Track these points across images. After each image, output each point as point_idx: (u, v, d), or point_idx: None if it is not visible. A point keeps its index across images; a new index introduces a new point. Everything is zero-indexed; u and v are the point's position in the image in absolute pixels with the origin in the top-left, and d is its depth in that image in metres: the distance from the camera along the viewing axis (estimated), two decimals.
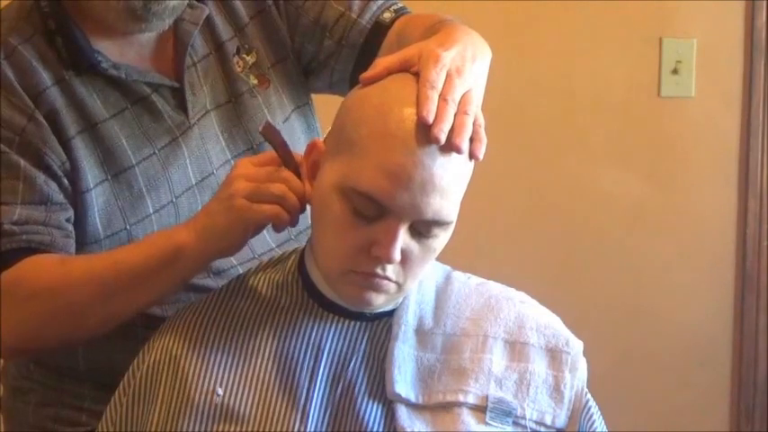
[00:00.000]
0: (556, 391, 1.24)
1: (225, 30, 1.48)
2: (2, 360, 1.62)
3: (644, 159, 2.67)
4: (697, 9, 2.64)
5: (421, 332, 1.24)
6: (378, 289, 1.18)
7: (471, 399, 1.21)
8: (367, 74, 1.20)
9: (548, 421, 1.23)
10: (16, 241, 1.31)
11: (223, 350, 1.24)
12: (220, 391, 1.21)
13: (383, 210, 1.14)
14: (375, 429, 1.19)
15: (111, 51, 1.40)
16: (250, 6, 1.50)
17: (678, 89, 2.65)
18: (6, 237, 1.31)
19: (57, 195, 1.35)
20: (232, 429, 1.20)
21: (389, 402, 1.21)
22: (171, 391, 1.23)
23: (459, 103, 1.16)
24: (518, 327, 1.26)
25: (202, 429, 1.20)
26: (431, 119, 1.12)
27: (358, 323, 1.24)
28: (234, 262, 1.44)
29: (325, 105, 1.36)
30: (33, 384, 1.52)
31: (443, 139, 1.12)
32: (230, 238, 1.25)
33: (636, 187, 2.67)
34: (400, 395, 1.20)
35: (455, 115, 1.14)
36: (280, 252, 1.44)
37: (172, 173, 1.42)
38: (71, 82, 1.37)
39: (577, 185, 2.65)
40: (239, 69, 1.48)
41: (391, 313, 1.25)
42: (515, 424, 1.22)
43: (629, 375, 2.68)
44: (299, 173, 1.24)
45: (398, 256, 1.15)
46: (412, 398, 1.21)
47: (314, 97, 1.58)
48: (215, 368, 1.22)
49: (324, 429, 1.19)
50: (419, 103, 1.13)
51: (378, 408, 1.21)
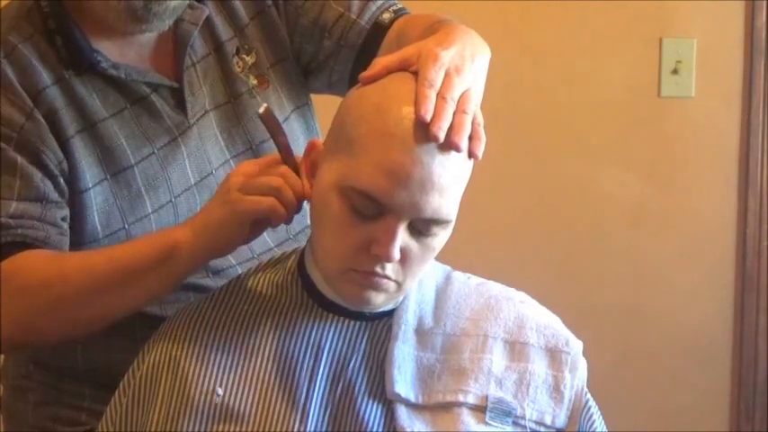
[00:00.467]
0: (556, 391, 1.24)
1: (225, 30, 1.48)
2: (2, 360, 1.62)
3: (644, 159, 2.67)
4: (697, 9, 2.64)
5: (421, 332, 1.24)
6: (377, 288, 1.18)
7: (471, 399, 1.21)
8: (366, 73, 1.20)
9: (547, 421, 1.23)
10: (11, 235, 1.31)
11: (223, 350, 1.24)
12: (220, 391, 1.21)
13: (382, 208, 1.14)
14: (375, 429, 1.19)
15: (110, 51, 1.40)
16: (250, 7, 1.50)
17: (678, 89, 2.65)
18: (2, 230, 1.31)
19: (52, 194, 1.34)
20: (232, 429, 1.20)
21: (389, 402, 1.21)
22: (171, 392, 1.23)
23: (457, 102, 1.16)
24: (518, 327, 1.26)
25: (202, 429, 1.20)
26: (429, 117, 1.12)
27: (358, 323, 1.24)
28: (233, 261, 1.44)
29: (325, 106, 1.36)
30: (33, 384, 1.52)
31: (442, 138, 1.12)
32: (226, 233, 1.24)
33: (636, 187, 2.67)
34: (400, 395, 1.20)
35: (454, 114, 1.14)
36: (279, 252, 1.44)
37: (171, 173, 1.42)
38: (71, 81, 1.38)
39: (577, 185, 2.65)
40: (239, 70, 1.49)
41: (391, 313, 1.25)
42: (515, 424, 1.22)
43: (629, 375, 2.68)
44: (297, 168, 1.24)
45: (398, 255, 1.15)
46: (412, 398, 1.21)
47: (314, 98, 1.59)
48: (215, 368, 1.22)
49: (323, 429, 1.19)
50: (418, 102, 1.13)
51: (377, 407, 1.21)
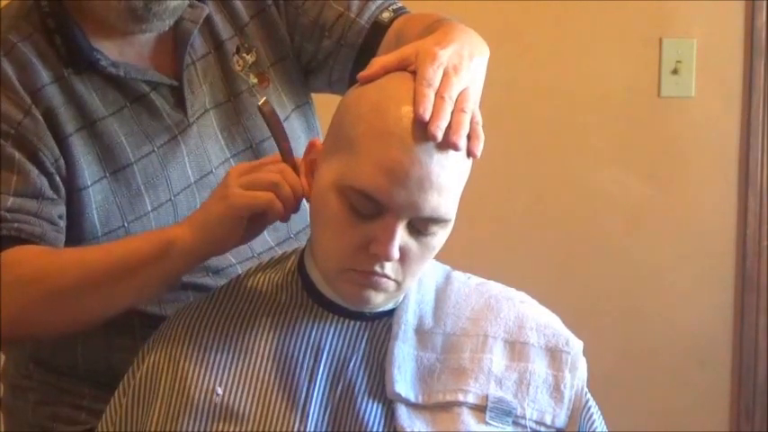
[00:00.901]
0: (556, 391, 1.24)
1: (225, 29, 1.48)
2: (3, 359, 1.62)
3: (644, 159, 2.67)
4: (697, 9, 2.64)
5: (421, 332, 1.25)
6: (377, 287, 1.18)
7: (471, 398, 1.21)
8: (364, 73, 1.20)
9: (548, 421, 1.23)
10: (7, 228, 1.31)
11: (222, 350, 1.24)
12: (220, 391, 1.21)
13: (381, 207, 1.14)
14: (375, 429, 1.19)
15: (110, 50, 1.40)
16: (250, 6, 1.50)
17: (678, 89, 2.64)
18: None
19: (48, 191, 1.34)
20: (232, 429, 1.20)
21: (389, 402, 1.21)
22: (171, 391, 1.23)
23: (456, 101, 1.16)
24: (518, 326, 1.26)
25: (202, 429, 1.20)
26: (427, 116, 1.12)
27: (358, 323, 1.24)
28: (233, 260, 1.44)
29: (326, 105, 1.36)
30: (33, 383, 1.52)
31: (440, 137, 1.12)
32: (223, 229, 1.24)
33: (636, 187, 2.67)
34: (400, 395, 1.20)
35: (452, 113, 1.14)
36: (279, 251, 1.44)
37: (170, 171, 1.42)
38: (70, 80, 1.38)
39: (577, 185, 2.65)
40: (239, 68, 1.49)
41: (391, 313, 1.25)
42: (515, 423, 1.22)
43: (629, 375, 2.68)
44: (296, 165, 1.25)
45: (397, 254, 1.15)
46: (412, 397, 1.21)
47: (315, 97, 1.59)
48: (214, 368, 1.22)
49: (323, 429, 1.19)
50: (416, 101, 1.13)
51: (378, 407, 1.21)
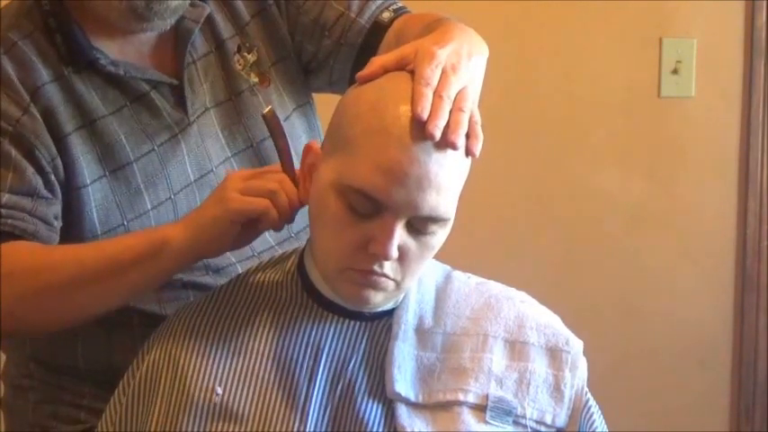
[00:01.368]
0: (556, 391, 1.24)
1: (226, 28, 1.49)
2: (3, 359, 1.62)
3: (644, 159, 2.67)
4: (697, 9, 2.64)
5: (421, 331, 1.25)
6: (376, 286, 1.18)
7: (471, 398, 1.21)
8: (363, 72, 1.20)
9: (548, 420, 1.23)
10: (1, 224, 1.31)
11: (222, 349, 1.24)
12: (219, 390, 1.21)
13: (379, 207, 1.14)
14: (375, 429, 1.19)
15: (110, 49, 1.40)
16: (251, 6, 1.50)
17: (678, 89, 2.65)
18: None
19: (43, 190, 1.34)
20: (231, 428, 1.20)
21: (389, 401, 1.21)
22: (170, 391, 1.23)
23: (454, 100, 1.16)
24: (518, 326, 1.26)
25: (202, 428, 1.20)
26: (425, 115, 1.12)
27: (357, 323, 1.24)
28: (233, 259, 1.44)
29: (327, 106, 1.36)
30: (33, 382, 1.52)
31: (438, 136, 1.12)
32: (217, 231, 1.24)
33: (636, 187, 2.67)
34: (400, 394, 1.20)
35: (450, 112, 1.14)
36: (279, 250, 1.44)
37: (170, 170, 1.42)
38: (70, 79, 1.38)
39: (577, 185, 2.65)
40: (240, 68, 1.49)
41: (391, 313, 1.25)
42: (515, 423, 1.22)
43: (629, 375, 2.68)
44: (295, 176, 1.25)
45: (395, 253, 1.15)
46: (412, 397, 1.21)
47: (316, 98, 1.59)
48: (214, 367, 1.23)
49: (323, 429, 1.19)
50: (414, 100, 1.13)
51: (378, 407, 1.21)
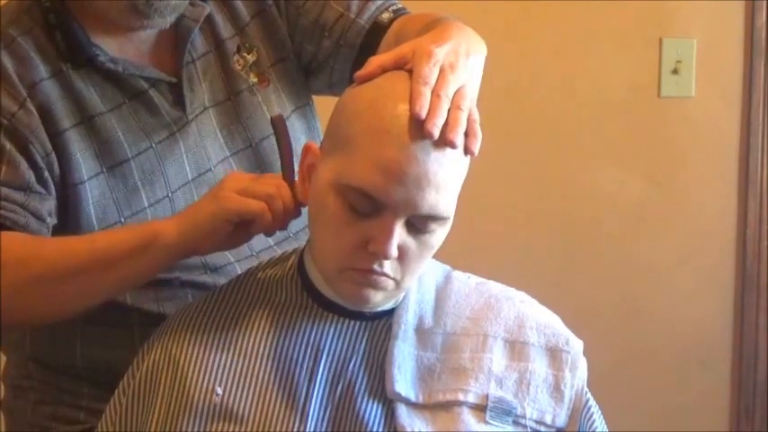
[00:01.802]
0: (556, 391, 1.24)
1: (225, 28, 1.49)
2: (4, 360, 1.62)
3: (644, 159, 2.67)
4: (697, 9, 2.64)
5: (421, 331, 1.25)
6: (376, 286, 1.18)
7: (471, 398, 1.21)
8: (361, 72, 1.21)
9: (548, 420, 1.23)
10: None
11: (222, 350, 1.24)
12: (219, 391, 1.21)
13: (379, 206, 1.14)
14: (375, 429, 1.19)
15: (109, 46, 1.41)
16: (251, 6, 1.50)
17: (678, 89, 2.65)
18: None
19: (36, 185, 1.34)
20: (231, 429, 1.20)
21: (389, 401, 1.21)
22: (170, 391, 1.23)
23: (452, 99, 1.16)
24: (518, 326, 1.26)
25: (202, 428, 1.20)
26: (424, 114, 1.12)
27: (357, 323, 1.24)
28: (231, 258, 1.45)
29: (328, 108, 1.36)
30: (33, 383, 1.52)
31: (437, 134, 1.12)
32: (210, 229, 1.24)
33: (636, 187, 2.67)
34: (400, 394, 1.20)
35: (449, 111, 1.14)
36: (278, 250, 1.44)
37: (168, 167, 1.43)
38: (69, 75, 1.38)
39: (577, 185, 2.65)
40: (239, 68, 1.49)
41: (391, 312, 1.25)
42: (515, 423, 1.22)
43: (629, 375, 2.68)
44: (293, 183, 1.25)
45: (395, 252, 1.15)
46: (412, 397, 1.21)
47: (316, 100, 1.59)
48: (214, 367, 1.22)
49: (323, 429, 1.19)
50: (412, 99, 1.13)
51: (378, 407, 1.21)
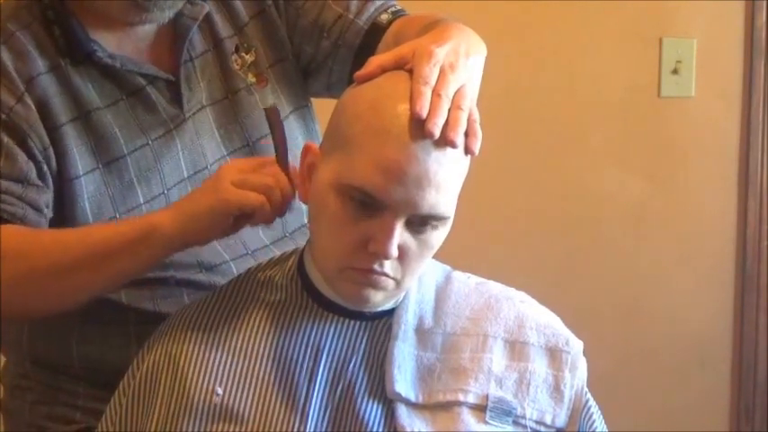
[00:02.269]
0: (556, 391, 1.24)
1: (224, 28, 1.49)
2: (2, 360, 1.62)
3: (644, 159, 2.67)
4: (697, 9, 2.64)
5: (421, 331, 1.25)
6: (376, 285, 1.18)
7: (471, 398, 1.21)
8: (361, 72, 1.21)
9: (548, 420, 1.23)
10: None
11: (222, 350, 1.24)
12: (220, 391, 1.21)
13: (379, 205, 1.14)
14: (375, 429, 1.19)
15: (108, 42, 1.41)
16: (250, 6, 1.51)
17: (678, 89, 2.65)
18: None
19: (34, 178, 1.34)
20: (231, 429, 1.20)
21: (389, 402, 1.21)
22: (170, 391, 1.23)
23: (453, 99, 1.16)
24: (518, 326, 1.26)
25: (202, 429, 1.20)
26: (424, 114, 1.12)
27: (358, 323, 1.24)
28: (226, 257, 1.45)
29: (327, 111, 1.36)
30: (30, 383, 1.52)
31: (437, 134, 1.12)
32: (208, 222, 1.24)
33: (636, 187, 2.67)
34: (400, 394, 1.20)
35: (449, 110, 1.14)
36: (274, 249, 1.45)
37: (164, 165, 1.43)
38: (66, 70, 1.38)
39: (577, 185, 2.65)
40: (237, 67, 1.49)
41: (391, 313, 1.25)
42: (515, 423, 1.22)
43: (629, 375, 2.68)
44: (288, 170, 1.25)
45: (395, 252, 1.15)
46: (412, 397, 1.21)
47: (314, 102, 1.59)
48: (214, 368, 1.22)
49: (323, 429, 1.19)
50: (413, 99, 1.14)
51: (378, 407, 1.21)
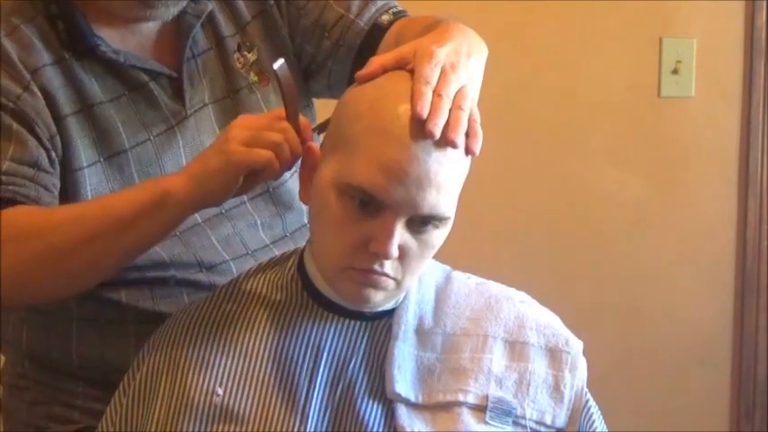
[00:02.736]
0: (556, 391, 1.24)
1: (227, 27, 1.50)
2: (2, 360, 1.62)
3: (644, 159, 2.68)
4: (697, 9, 2.64)
5: (421, 332, 1.25)
6: (376, 286, 1.18)
7: (471, 398, 1.21)
8: (362, 72, 1.21)
9: (548, 421, 1.23)
10: (2, 191, 1.30)
11: (222, 350, 1.24)
12: (220, 392, 1.21)
13: (380, 205, 1.14)
14: (375, 429, 1.19)
15: (112, 38, 1.41)
16: (252, 6, 1.51)
17: (678, 89, 2.65)
18: None
19: (45, 162, 1.34)
20: (232, 429, 1.20)
21: (389, 402, 1.21)
22: (171, 392, 1.23)
23: (453, 99, 1.16)
24: (518, 326, 1.26)
25: (202, 429, 1.20)
26: (425, 114, 1.12)
27: (358, 323, 1.24)
28: (226, 257, 1.45)
29: (328, 111, 1.36)
30: (29, 383, 1.52)
31: (438, 134, 1.12)
32: (220, 181, 1.23)
33: (636, 187, 2.67)
34: (400, 394, 1.20)
35: (450, 111, 1.14)
36: (274, 249, 1.45)
37: (165, 160, 1.43)
38: (70, 63, 1.39)
39: (577, 185, 2.66)
40: (239, 66, 1.49)
41: (391, 313, 1.25)
42: (515, 423, 1.22)
43: (629, 375, 2.68)
44: (298, 124, 1.24)
45: (396, 252, 1.15)
46: (412, 397, 1.21)
47: (315, 102, 1.59)
48: (214, 368, 1.22)
49: (323, 429, 1.19)
50: (413, 99, 1.14)
51: (378, 407, 1.21)
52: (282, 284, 1.28)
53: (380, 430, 1.20)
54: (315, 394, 1.20)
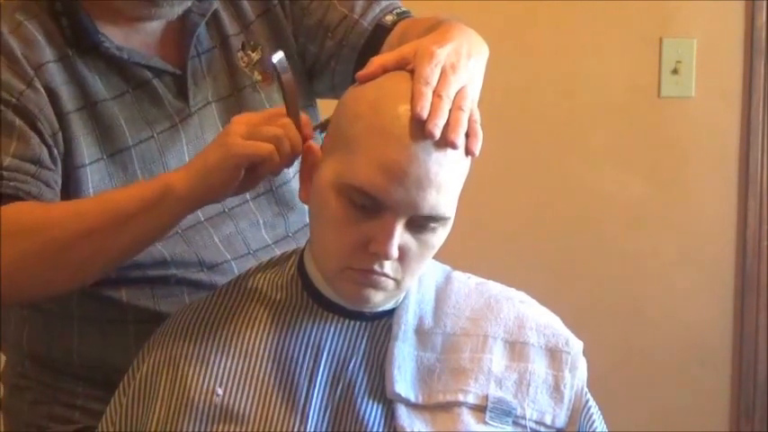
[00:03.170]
0: (556, 391, 1.24)
1: (231, 25, 1.50)
2: (3, 361, 1.62)
3: (644, 159, 2.68)
4: (697, 9, 2.64)
5: (421, 332, 1.25)
6: (376, 286, 1.18)
7: (471, 398, 1.21)
8: (363, 72, 1.21)
9: (548, 421, 1.23)
10: (4, 186, 1.30)
11: (223, 350, 1.24)
12: (220, 391, 1.21)
13: (380, 206, 1.14)
14: (375, 429, 1.20)
15: (116, 36, 1.41)
16: (256, 5, 1.51)
17: (678, 89, 2.65)
18: None
19: (47, 159, 1.34)
20: (232, 429, 1.20)
21: (389, 402, 1.21)
22: (171, 392, 1.23)
23: (454, 99, 1.16)
24: (518, 326, 1.27)
25: (202, 429, 1.20)
26: (425, 114, 1.12)
27: (358, 323, 1.24)
28: (228, 257, 1.45)
29: (330, 111, 1.36)
30: (30, 382, 1.52)
31: (438, 134, 1.12)
32: (221, 176, 1.23)
33: (636, 187, 2.67)
34: (400, 395, 1.20)
35: (450, 111, 1.15)
36: (276, 249, 1.45)
37: (168, 158, 1.43)
38: (74, 60, 1.39)
39: (577, 185, 2.66)
40: (243, 65, 1.49)
41: (391, 313, 1.25)
42: (515, 424, 1.22)
43: (629, 375, 2.68)
44: (299, 120, 1.24)
45: (396, 253, 1.15)
46: (412, 397, 1.21)
47: (319, 103, 1.59)
48: (214, 368, 1.23)
49: (323, 429, 1.20)
50: (414, 100, 1.14)
51: (378, 407, 1.21)
52: (282, 284, 1.28)
53: (380, 430, 1.20)
54: (315, 394, 1.21)
